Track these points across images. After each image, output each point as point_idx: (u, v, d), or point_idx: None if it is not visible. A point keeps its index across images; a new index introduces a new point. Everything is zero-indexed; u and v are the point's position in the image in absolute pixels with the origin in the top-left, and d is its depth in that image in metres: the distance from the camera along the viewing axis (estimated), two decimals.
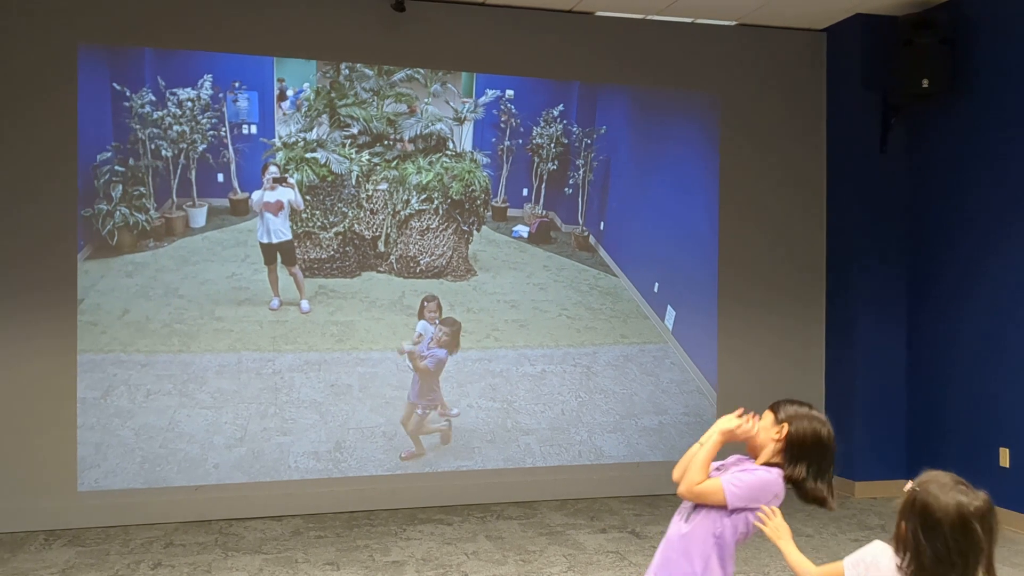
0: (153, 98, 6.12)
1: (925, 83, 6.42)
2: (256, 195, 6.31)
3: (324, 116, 6.43)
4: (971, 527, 2.02)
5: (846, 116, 7.09)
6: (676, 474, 2.72)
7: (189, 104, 6.19)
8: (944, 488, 2.08)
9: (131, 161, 6.09)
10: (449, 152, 6.65)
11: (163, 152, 6.14)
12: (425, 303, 6.58)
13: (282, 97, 6.36)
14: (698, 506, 2.70)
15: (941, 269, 6.68)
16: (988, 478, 6.19)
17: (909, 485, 2.18)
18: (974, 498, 2.07)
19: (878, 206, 6.97)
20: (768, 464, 2.72)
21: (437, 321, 6.59)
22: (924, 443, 6.75)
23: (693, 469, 2.65)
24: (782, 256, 7.22)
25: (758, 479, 2.67)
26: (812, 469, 2.68)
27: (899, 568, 2.16)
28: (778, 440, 2.71)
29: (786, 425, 2.70)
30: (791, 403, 2.76)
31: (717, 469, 2.77)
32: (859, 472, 6.82)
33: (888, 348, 6.96)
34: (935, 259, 6.74)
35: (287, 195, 6.33)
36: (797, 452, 2.68)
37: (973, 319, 6.37)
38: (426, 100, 6.62)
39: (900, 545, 2.16)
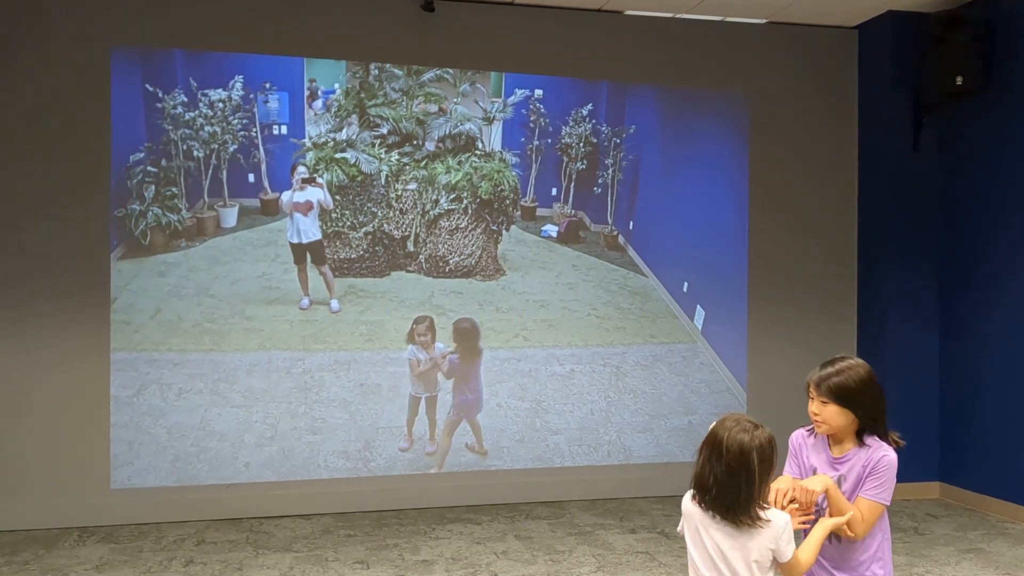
0: (185, 99, 6.17)
1: (959, 81, 6.35)
2: (286, 195, 6.34)
3: (354, 116, 6.45)
4: (748, 458, 2.40)
5: (878, 114, 7.03)
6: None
7: (220, 105, 6.23)
8: (735, 425, 2.45)
9: (163, 162, 6.14)
10: (478, 152, 6.66)
11: (195, 152, 6.19)
12: (415, 325, 6.52)
13: (312, 97, 6.39)
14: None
15: (974, 268, 6.60)
16: (1021, 479, 6.12)
17: (711, 427, 2.53)
18: (757, 436, 2.43)
19: (910, 205, 6.90)
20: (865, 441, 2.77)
21: (437, 346, 6.54)
22: (956, 443, 6.67)
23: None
24: (813, 255, 7.17)
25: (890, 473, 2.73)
26: (867, 411, 2.75)
27: (693, 499, 2.53)
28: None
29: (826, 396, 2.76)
30: (826, 372, 2.79)
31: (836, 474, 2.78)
32: None
33: (920, 348, 6.88)
34: (967, 258, 6.66)
35: (316, 195, 6.36)
36: (847, 402, 2.73)
37: (1007, 318, 6.29)
38: (455, 100, 6.63)
39: (696, 474, 2.51)
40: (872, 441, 2.74)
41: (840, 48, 7.20)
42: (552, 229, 6.82)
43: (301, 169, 6.34)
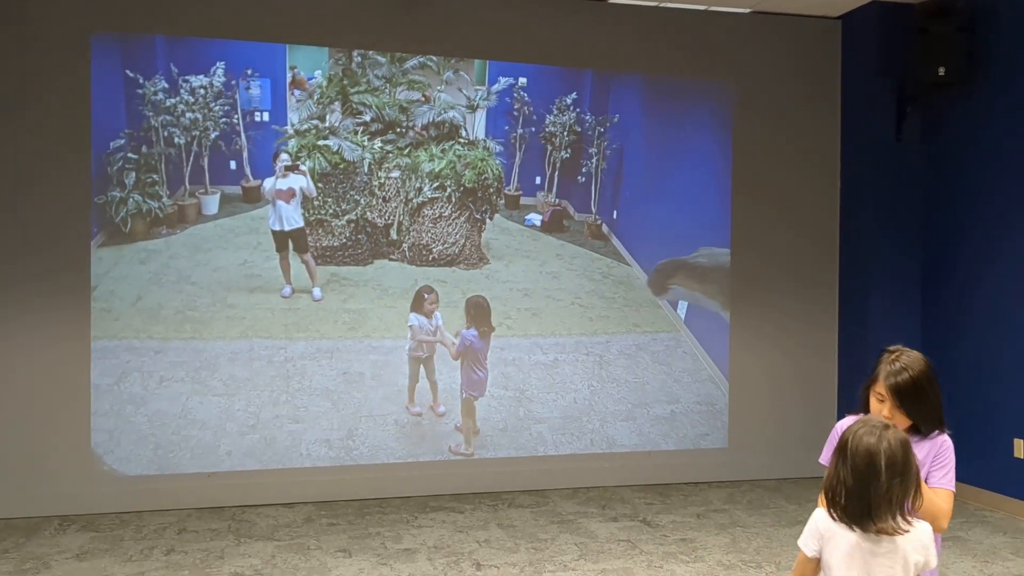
0: (166, 85, 6.12)
1: (942, 71, 6.37)
2: (268, 183, 6.31)
3: (336, 103, 6.41)
4: (875, 463, 2.22)
5: (861, 105, 7.04)
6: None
7: (202, 91, 6.19)
8: (862, 428, 2.30)
9: (144, 148, 6.09)
10: (462, 140, 6.64)
11: (176, 139, 6.14)
12: (425, 295, 6.55)
13: (294, 84, 6.34)
14: None
15: (955, 257, 6.64)
16: (1003, 469, 6.17)
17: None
18: (885, 437, 2.26)
19: (893, 195, 6.93)
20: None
21: (438, 315, 6.57)
22: None
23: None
24: (796, 246, 7.18)
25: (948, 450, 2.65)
26: (931, 412, 2.66)
27: (830, 514, 2.31)
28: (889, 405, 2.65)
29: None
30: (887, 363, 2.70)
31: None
32: None
33: (902, 338, 6.88)
34: (949, 249, 6.69)
35: (299, 182, 6.33)
36: (911, 402, 2.62)
37: (988, 309, 6.33)
38: (439, 88, 6.60)
39: (825, 487, 2.33)
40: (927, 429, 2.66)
41: (824, 38, 7.20)
42: (536, 218, 6.81)
43: (284, 156, 6.30)
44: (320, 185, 6.37)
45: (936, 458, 2.64)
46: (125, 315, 6.05)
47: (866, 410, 2.73)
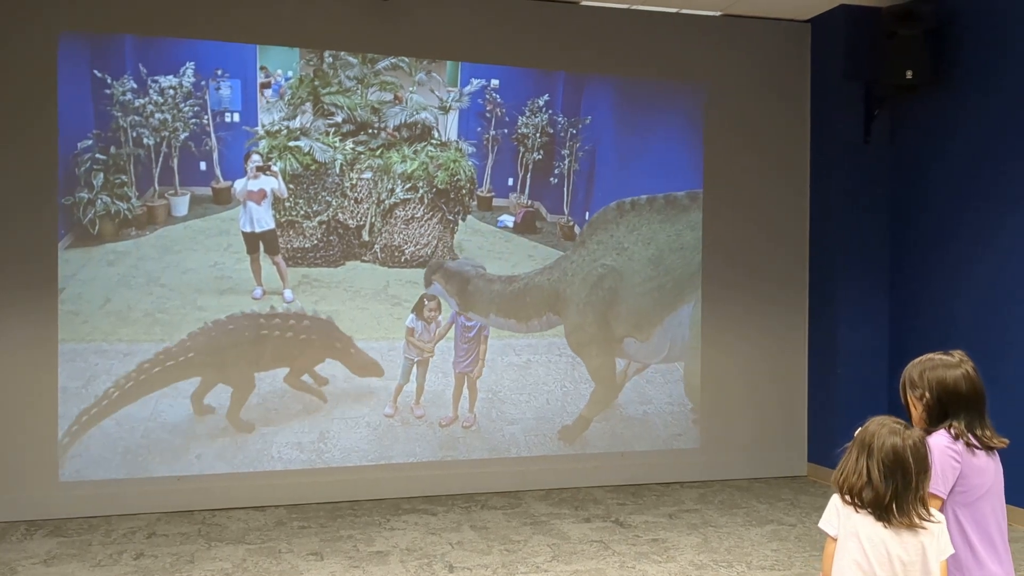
0: (135, 85, 6.06)
1: (909, 74, 6.45)
2: (239, 184, 6.26)
3: (308, 104, 6.38)
4: (903, 456, 2.43)
5: (830, 107, 7.11)
6: None
7: (171, 92, 6.13)
8: (883, 429, 2.49)
9: (112, 149, 6.03)
10: (434, 141, 6.63)
11: (145, 140, 6.08)
12: (426, 301, 6.56)
13: (265, 85, 6.31)
14: None
15: (922, 259, 6.71)
16: None
17: (858, 431, 2.56)
18: (906, 437, 2.46)
19: (861, 196, 7.00)
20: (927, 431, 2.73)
21: (439, 319, 6.57)
22: None
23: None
24: (765, 247, 7.24)
25: (934, 461, 2.60)
26: (964, 416, 2.73)
27: (848, 500, 2.49)
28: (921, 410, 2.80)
29: (925, 393, 2.81)
30: (915, 366, 2.90)
31: None
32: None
33: (870, 336, 6.98)
34: (916, 249, 6.77)
35: (270, 184, 6.29)
36: (941, 409, 2.76)
37: (955, 308, 6.41)
38: (411, 89, 6.59)
39: (844, 480, 2.51)
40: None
41: (793, 41, 7.27)
42: (508, 219, 6.81)
43: (255, 157, 6.26)
44: (291, 186, 6.33)
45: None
46: (93, 317, 5.98)
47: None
